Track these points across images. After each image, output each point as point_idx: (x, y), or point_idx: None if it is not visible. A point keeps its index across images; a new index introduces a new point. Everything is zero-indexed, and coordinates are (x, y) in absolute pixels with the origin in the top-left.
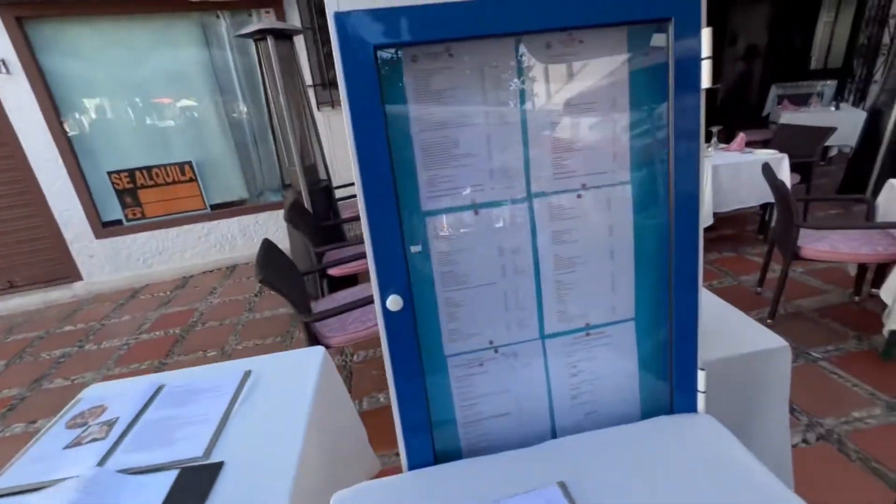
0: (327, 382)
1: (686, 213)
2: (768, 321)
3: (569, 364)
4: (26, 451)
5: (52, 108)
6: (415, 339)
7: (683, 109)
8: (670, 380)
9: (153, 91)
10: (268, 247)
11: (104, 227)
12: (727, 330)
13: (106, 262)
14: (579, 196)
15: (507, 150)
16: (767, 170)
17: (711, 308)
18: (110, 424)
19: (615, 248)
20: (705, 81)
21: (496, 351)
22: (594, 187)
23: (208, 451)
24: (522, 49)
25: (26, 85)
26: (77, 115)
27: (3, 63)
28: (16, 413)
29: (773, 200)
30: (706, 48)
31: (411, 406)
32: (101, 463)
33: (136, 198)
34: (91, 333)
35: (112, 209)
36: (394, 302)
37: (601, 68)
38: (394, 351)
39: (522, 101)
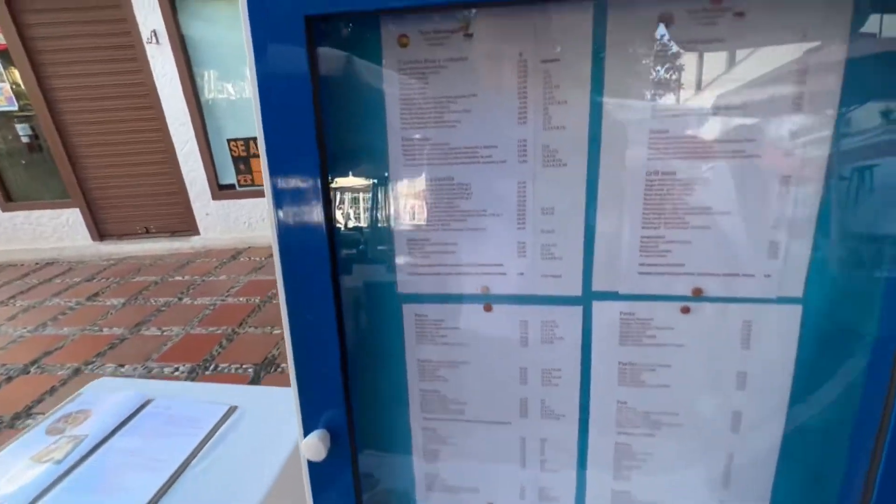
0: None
1: None
2: None
3: None
4: (13, 441)
5: (189, 76)
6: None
7: None
8: None
9: None
10: None
11: (220, 190)
12: None
13: (218, 222)
14: (685, 310)
15: (556, 212)
16: None
17: None
18: (77, 442)
19: (746, 412)
20: None
21: None
22: (720, 299)
23: None
24: (611, 28)
25: (170, 53)
26: (207, 83)
27: (155, 34)
28: (114, 352)
29: None
30: None
31: None
32: (35, 500)
33: (248, 165)
34: (192, 287)
35: (228, 174)
36: (310, 447)
37: (775, 66)
38: None
39: (596, 128)
